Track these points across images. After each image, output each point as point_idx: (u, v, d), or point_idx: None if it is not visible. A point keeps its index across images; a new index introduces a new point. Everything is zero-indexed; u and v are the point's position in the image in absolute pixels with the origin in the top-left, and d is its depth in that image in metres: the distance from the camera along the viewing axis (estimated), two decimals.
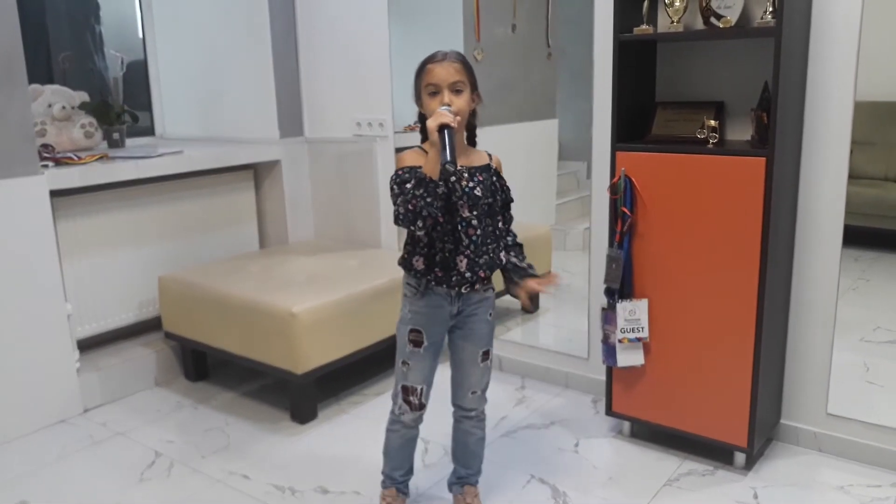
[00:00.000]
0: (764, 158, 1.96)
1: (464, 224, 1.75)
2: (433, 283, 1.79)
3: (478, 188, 1.76)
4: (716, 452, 2.25)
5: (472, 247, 1.75)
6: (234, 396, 2.84)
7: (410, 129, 2.76)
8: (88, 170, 2.70)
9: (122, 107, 3.26)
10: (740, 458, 2.21)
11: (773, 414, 2.32)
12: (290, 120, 3.38)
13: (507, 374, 2.96)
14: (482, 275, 1.79)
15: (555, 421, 2.57)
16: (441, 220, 1.73)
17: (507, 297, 1.96)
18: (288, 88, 3.35)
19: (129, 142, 3.38)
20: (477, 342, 1.87)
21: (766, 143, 1.97)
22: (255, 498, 2.14)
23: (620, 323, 2.23)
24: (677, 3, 2.13)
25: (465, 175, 1.75)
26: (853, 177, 2.12)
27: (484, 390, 1.93)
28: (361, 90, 3.18)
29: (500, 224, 1.85)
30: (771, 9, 1.98)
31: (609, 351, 2.29)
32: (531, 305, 1.90)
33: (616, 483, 2.18)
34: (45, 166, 2.62)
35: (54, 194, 2.60)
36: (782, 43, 1.89)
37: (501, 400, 2.72)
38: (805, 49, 2.10)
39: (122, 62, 3.23)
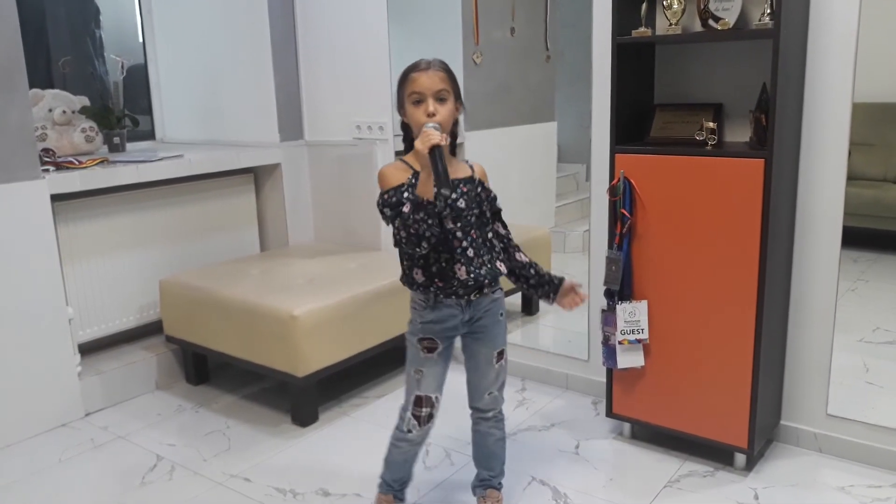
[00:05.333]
0: (763, 160, 1.97)
1: (450, 235, 1.72)
2: (441, 295, 1.78)
3: (461, 200, 1.73)
4: (716, 453, 2.26)
5: (465, 255, 1.73)
6: (235, 399, 2.84)
7: None
8: (89, 174, 2.71)
9: (123, 111, 3.27)
10: (741, 459, 2.22)
11: (774, 415, 2.32)
12: (290, 123, 3.38)
13: (508, 376, 2.94)
14: (485, 282, 1.78)
15: (555, 423, 2.57)
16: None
17: (508, 298, 1.95)
18: (288, 92, 3.35)
19: (129, 146, 3.38)
20: (491, 344, 1.87)
21: (765, 144, 1.97)
22: (256, 500, 2.14)
23: (620, 325, 2.24)
24: (675, 6, 2.13)
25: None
26: (852, 178, 2.13)
27: (500, 389, 1.93)
28: (361, 93, 3.19)
29: (490, 235, 1.81)
30: (769, 11, 1.99)
31: (609, 352, 2.29)
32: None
33: (617, 484, 2.18)
34: (46, 170, 2.63)
35: (55, 198, 2.61)
36: (780, 44, 1.90)
37: None
38: (803, 51, 2.11)
39: (122, 66, 3.24)
